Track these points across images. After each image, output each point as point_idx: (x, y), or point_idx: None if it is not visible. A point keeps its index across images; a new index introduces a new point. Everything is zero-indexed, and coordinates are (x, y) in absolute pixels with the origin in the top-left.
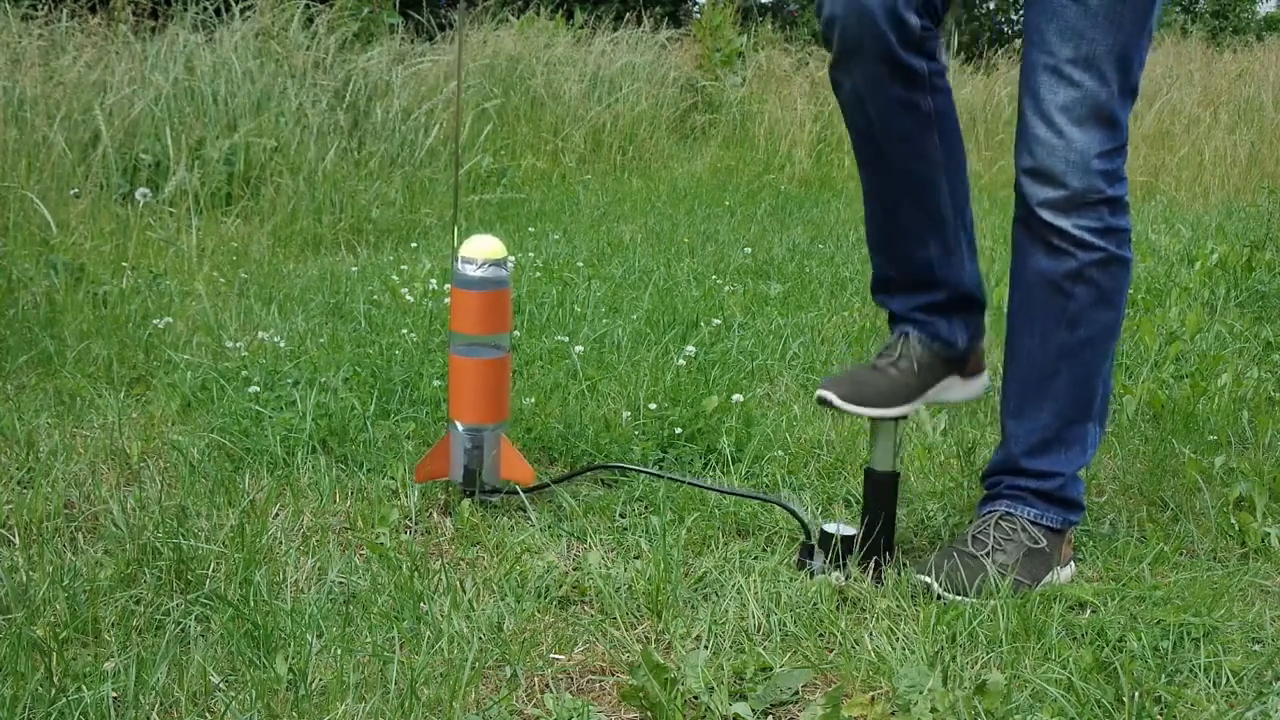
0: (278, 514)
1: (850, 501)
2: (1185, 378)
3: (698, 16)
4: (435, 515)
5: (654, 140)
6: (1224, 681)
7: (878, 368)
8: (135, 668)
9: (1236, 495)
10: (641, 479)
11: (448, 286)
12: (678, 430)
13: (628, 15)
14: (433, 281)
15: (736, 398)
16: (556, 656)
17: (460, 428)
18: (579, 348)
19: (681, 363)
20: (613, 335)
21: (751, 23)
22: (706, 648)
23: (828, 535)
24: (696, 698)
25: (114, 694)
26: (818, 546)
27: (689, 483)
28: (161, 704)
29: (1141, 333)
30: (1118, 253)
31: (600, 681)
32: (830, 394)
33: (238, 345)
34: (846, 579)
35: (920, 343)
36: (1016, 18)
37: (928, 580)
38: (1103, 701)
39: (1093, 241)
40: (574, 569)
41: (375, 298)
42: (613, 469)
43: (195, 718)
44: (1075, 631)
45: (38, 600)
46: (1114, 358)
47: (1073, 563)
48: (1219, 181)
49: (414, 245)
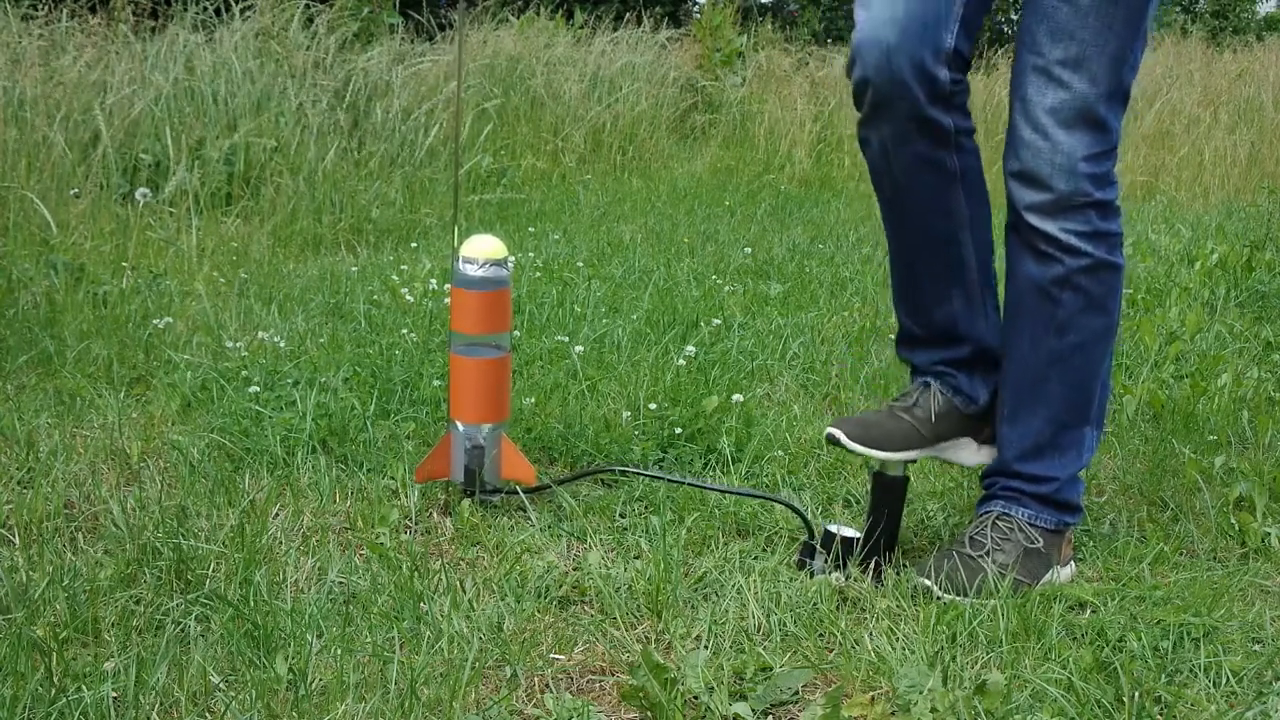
0: (278, 514)
1: (850, 501)
2: (1185, 378)
3: (698, 16)
4: (435, 515)
5: (654, 140)
6: (1224, 681)
7: (893, 412)
8: (135, 668)
9: (1236, 495)
10: (642, 479)
11: (448, 286)
12: (678, 430)
13: (628, 15)
14: (433, 281)
15: (736, 398)
16: (556, 656)
17: (461, 427)
18: (579, 348)
19: (681, 363)
20: (613, 335)
21: (751, 23)
22: (706, 648)
23: (830, 535)
24: (696, 698)
25: (114, 694)
26: (820, 545)
27: (690, 483)
28: (161, 704)
29: (1141, 333)
30: (1107, 258)
31: (600, 681)
32: (839, 432)
33: (238, 345)
34: (847, 579)
35: (940, 394)
36: (1016, 18)
37: (927, 583)
38: (1103, 701)
39: (1080, 247)
40: (574, 569)
41: (375, 298)
42: (613, 471)
43: (195, 718)
44: (1075, 631)
45: (38, 600)
46: (1112, 360)
47: (1073, 563)
48: (1219, 181)
49: (414, 245)
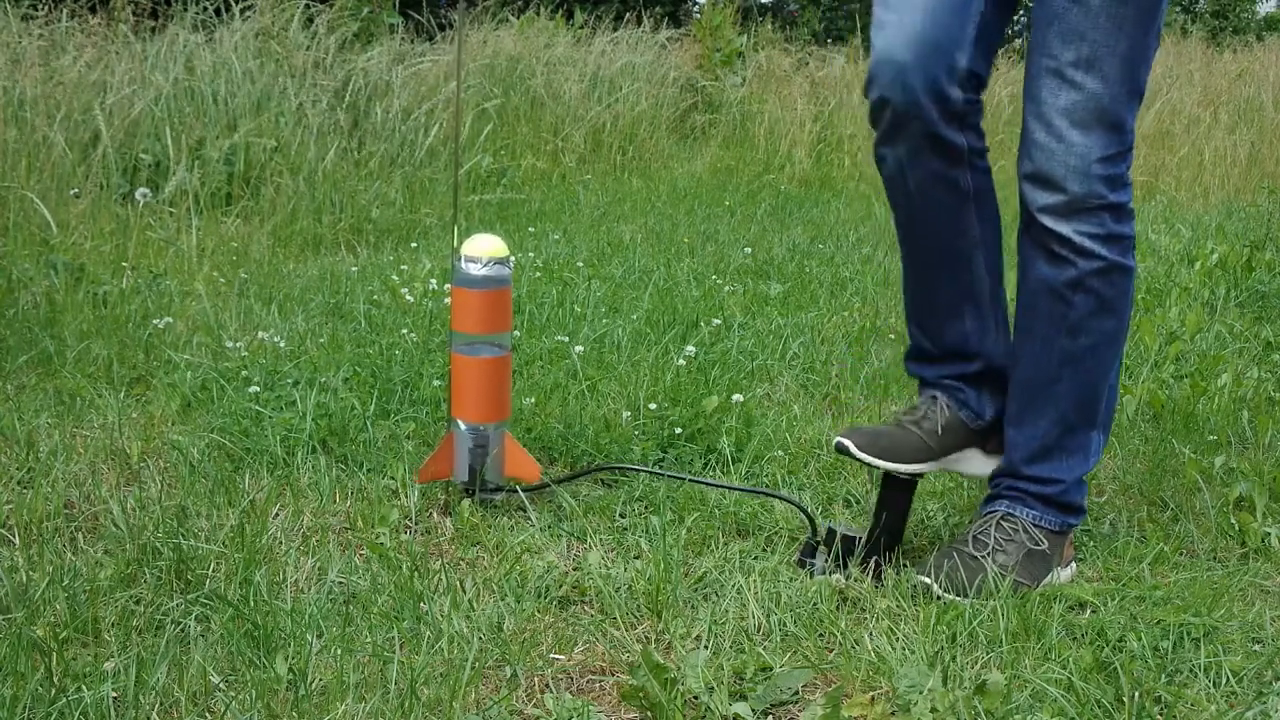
0: (278, 514)
1: (850, 501)
2: (1185, 378)
3: (698, 16)
4: (435, 515)
5: (654, 140)
6: (1224, 681)
7: (902, 425)
8: (135, 668)
9: (1236, 495)
10: (642, 479)
11: (448, 286)
12: (678, 430)
13: (628, 15)
14: (433, 281)
15: (736, 398)
16: (556, 656)
17: (463, 426)
18: (579, 348)
19: (681, 363)
20: (613, 335)
21: (751, 23)
22: (706, 648)
23: (833, 532)
24: (696, 698)
25: (114, 694)
26: (823, 543)
27: (690, 480)
28: (161, 704)
29: (1141, 333)
30: (1120, 261)
31: (600, 681)
32: (848, 442)
33: (238, 345)
34: (847, 579)
35: (948, 408)
36: (1017, 18)
37: (927, 581)
38: (1103, 701)
39: (1093, 249)
40: (574, 569)
41: (375, 298)
42: (614, 469)
43: (195, 718)
44: (1075, 631)
45: (38, 600)
46: (1120, 365)
47: (1073, 563)
48: (1219, 181)
49: (414, 245)
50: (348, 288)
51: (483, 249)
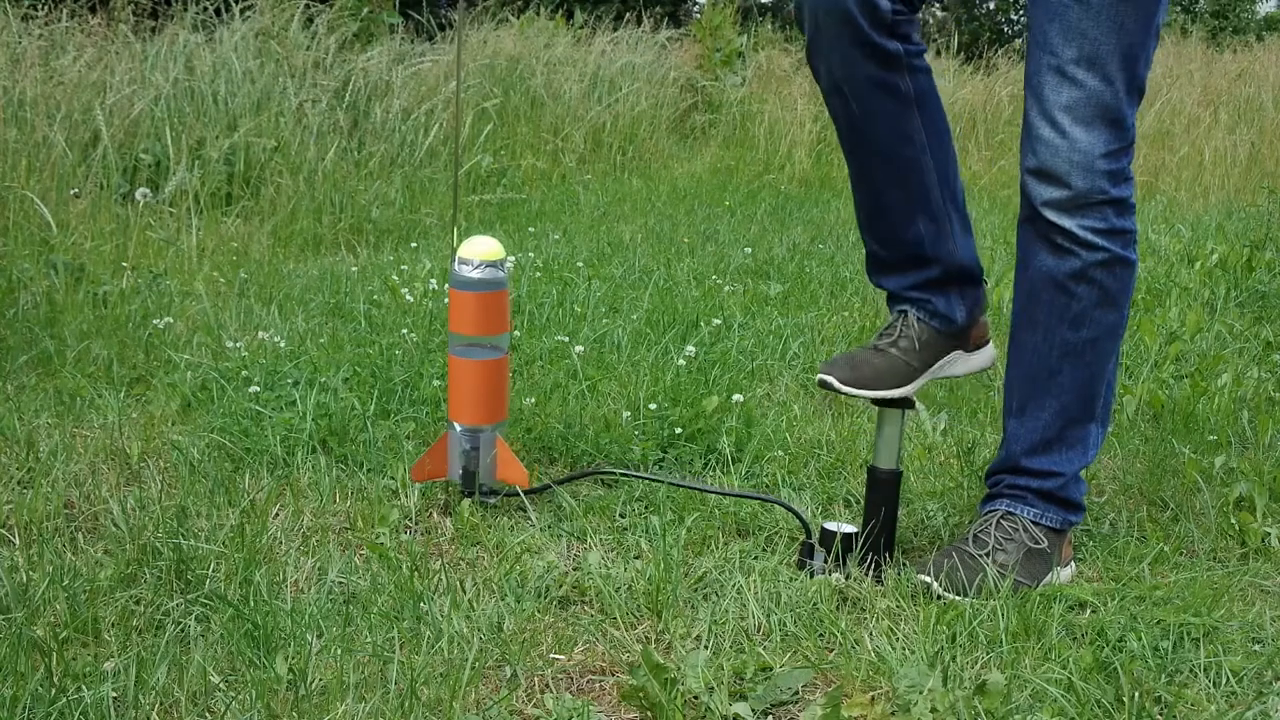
0: (278, 514)
1: (850, 501)
2: (1185, 378)
3: (698, 16)
4: (435, 515)
5: (654, 140)
6: (1224, 681)
7: (878, 348)
8: (135, 668)
9: (1236, 495)
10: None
11: (447, 286)
12: (678, 430)
13: (628, 15)
14: (433, 281)
15: (736, 398)
16: (556, 656)
17: (458, 428)
18: (579, 348)
19: (681, 363)
20: (613, 335)
21: (751, 23)
22: (706, 648)
23: (829, 533)
24: (696, 698)
25: (114, 694)
26: (818, 544)
27: (688, 486)
28: (161, 704)
29: (1141, 333)
30: (1122, 254)
31: (600, 681)
32: (830, 377)
33: (238, 345)
34: (846, 579)
35: (919, 321)
36: (1016, 18)
37: (928, 580)
38: (1103, 701)
39: (1097, 242)
40: (574, 569)
41: (375, 298)
42: (613, 474)
43: (195, 718)
44: (1075, 631)
45: (38, 600)
46: (1118, 359)
47: (1073, 563)
48: (1219, 181)
49: (414, 245)
50: (348, 288)
51: (478, 251)
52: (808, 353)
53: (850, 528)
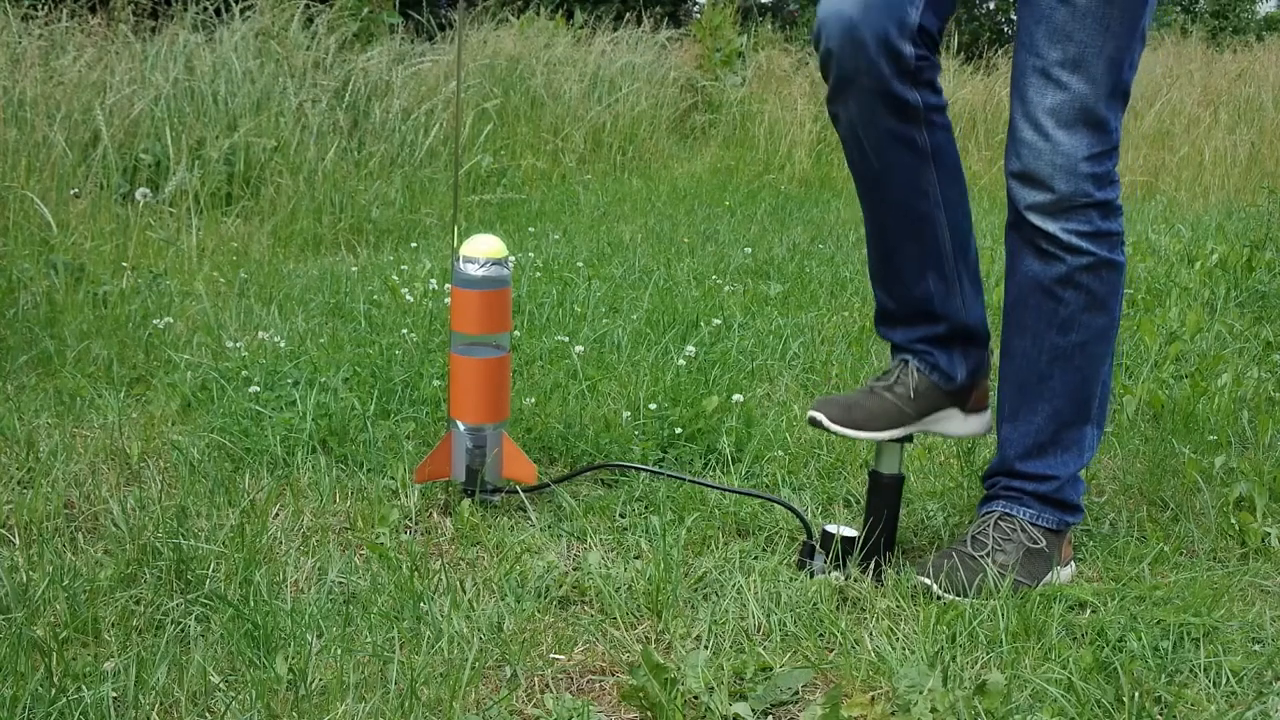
0: (278, 514)
1: (850, 501)
2: (1185, 378)
3: (698, 16)
4: (435, 515)
5: (654, 140)
6: (1224, 681)
7: (873, 391)
8: (135, 668)
9: (1236, 495)
10: (641, 479)
11: (448, 286)
12: (678, 430)
13: (628, 15)
14: (433, 281)
15: (736, 398)
16: (556, 656)
17: (462, 427)
18: (579, 348)
19: (681, 363)
20: (613, 335)
21: (751, 23)
22: (706, 648)
23: (829, 535)
24: (696, 698)
25: (114, 694)
26: (818, 546)
27: (690, 480)
28: (161, 704)
29: (1141, 333)
30: (1109, 257)
31: (600, 681)
32: (820, 415)
33: (238, 345)
34: (846, 579)
35: (918, 371)
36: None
37: (927, 581)
38: (1103, 701)
39: (1081, 246)
40: (574, 569)
41: (375, 298)
42: (614, 468)
43: (195, 718)
44: (1075, 631)
45: (38, 600)
46: (1113, 360)
47: (1073, 563)
48: (1219, 181)
49: (414, 245)
50: (348, 288)
51: (481, 249)
52: (808, 353)
53: (850, 530)
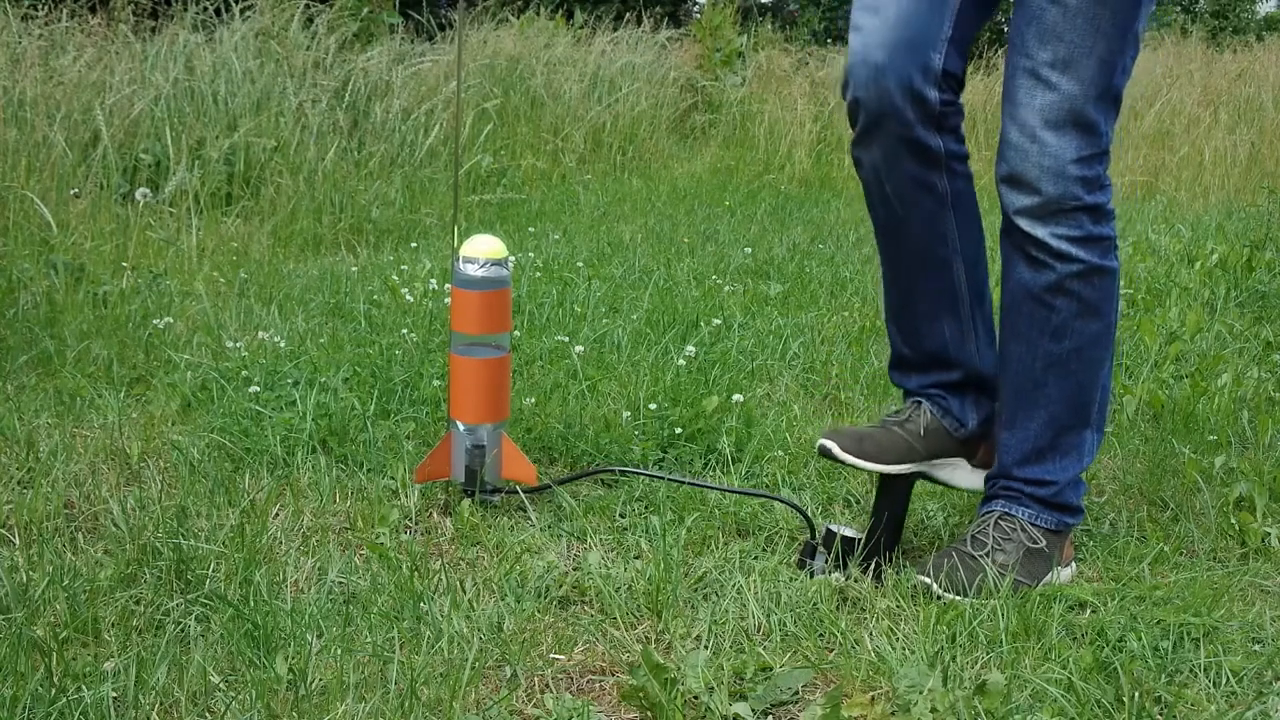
0: (278, 514)
1: (850, 501)
2: (1185, 378)
3: (698, 16)
4: (435, 515)
5: (654, 140)
6: (1224, 681)
7: (885, 425)
8: (135, 668)
9: (1236, 495)
10: (642, 479)
11: (448, 286)
12: (678, 430)
13: (628, 15)
14: (433, 281)
15: (736, 398)
16: (556, 656)
17: (461, 427)
18: (579, 348)
19: (681, 363)
20: (613, 335)
21: (751, 23)
22: (706, 648)
23: (831, 534)
24: (696, 698)
25: (114, 694)
26: (821, 544)
27: (690, 483)
28: (161, 704)
29: (1141, 333)
30: (1099, 263)
31: (600, 681)
32: (832, 444)
33: (238, 345)
34: (847, 579)
35: (931, 413)
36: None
37: (927, 581)
38: (1103, 701)
39: (1071, 252)
40: (574, 569)
41: (375, 298)
42: (614, 471)
43: (195, 718)
44: (1075, 631)
45: (38, 600)
46: (1112, 363)
47: (1073, 563)
48: (1219, 181)
49: (414, 245)
50: (348, 288)
51: (481, 250)
52: (808, 353)
53: (852, 531)
